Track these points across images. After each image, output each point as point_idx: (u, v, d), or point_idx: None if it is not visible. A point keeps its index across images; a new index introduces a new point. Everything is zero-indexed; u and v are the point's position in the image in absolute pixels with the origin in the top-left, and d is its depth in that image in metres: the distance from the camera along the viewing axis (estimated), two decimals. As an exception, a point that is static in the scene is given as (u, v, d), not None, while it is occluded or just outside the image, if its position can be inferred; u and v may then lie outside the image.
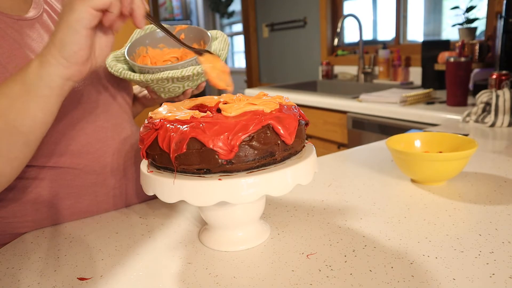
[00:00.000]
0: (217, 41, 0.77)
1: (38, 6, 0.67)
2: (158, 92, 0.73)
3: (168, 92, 0.72)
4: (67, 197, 0.67)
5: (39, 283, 0.48)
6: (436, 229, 0.55)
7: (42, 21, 0.66)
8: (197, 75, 0.68)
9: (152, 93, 0.74)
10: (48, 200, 0.66)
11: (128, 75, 0.69)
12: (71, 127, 0.66)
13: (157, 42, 0.79)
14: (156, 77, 0.67)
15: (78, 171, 0.67)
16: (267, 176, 0.45)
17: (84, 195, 0.68)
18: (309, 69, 2.97)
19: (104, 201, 0.70)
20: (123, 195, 0.73)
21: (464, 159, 0.68)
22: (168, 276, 0.48)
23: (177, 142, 0.45)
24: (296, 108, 0.52)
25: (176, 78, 0.67)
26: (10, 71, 0.57)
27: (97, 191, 0.69)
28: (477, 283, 0.43)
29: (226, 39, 0.77)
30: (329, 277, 0.45)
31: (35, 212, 0.65)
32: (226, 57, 0.74)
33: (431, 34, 2.37)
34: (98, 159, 0.69)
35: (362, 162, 0.87)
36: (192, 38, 0.78)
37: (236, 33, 5.13)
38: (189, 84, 0.71)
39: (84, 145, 0.67)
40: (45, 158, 0.64)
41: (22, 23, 0.62)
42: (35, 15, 0.65)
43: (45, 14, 0.68)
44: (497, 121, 1.14)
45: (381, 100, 1.65)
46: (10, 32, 0.60)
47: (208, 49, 0.69)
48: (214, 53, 0.74)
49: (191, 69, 0.67)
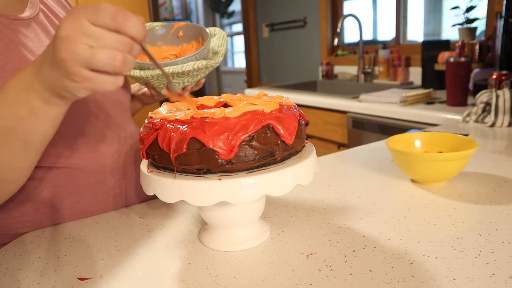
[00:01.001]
0: (215, 38, 0.77)
1: (34, 6, 0.67)
2: (158, 89, 0.73)
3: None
4: (67, 197, 0.67)
5: (39, 283, 0.48)
6: (436, 229, 0.55)
7: (39, 20, 0.66)
8: (197, 70, 0.69)
9: (152, 89, 0.74)
10: (48, 200, 0.66)
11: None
12: (70, 126, 0.66)
13: (155, 40, 0.79)
14: (156, 73, 0.67)
15: (78, 171, 0.67)
16: (267, 176, 0.45)
17: (84, 195, 0.68)
18: (309, 69, 2.97)
19: (104, 201, 0.70)
20: (123, 195, 0.73)
21: (464, 159, 0.68)
22: (168, 276, 0.48)
23: (177, 142, 0.45)
24: (296, 108, 0.52)
25: (177, 73, 0.67)
26: (9, 71, 0.57)
27: (97, 190, 0.69)
28: (477, 283, 0.43)
29: (224, 35, 0.77)
30: (329, 277, 0.45)
31: (35, 212, 0.65)
32: (224, 53, 0.74)
33: (431, 34, 2.37)
34: (97, 159, 0.69)
35: (362, 162, 0.87)
36: (190, 35, 0.78)
37: (236, 33, 5.13)
38: (189, 80, 0.71)
39: (83, 145, 0.67)
40: (44, 158, 0.64)
41: (18, 22, 0.62)
42: (31, 14, 0.65)
43: (41, 13, 0.68)
44: (497, 121, 1.14)
45: (381, 100, 1.65)
46: (6, 32, 0.60)
47: (206, 46, 0.70)
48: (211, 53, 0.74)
49: (191, 64, 0.67)
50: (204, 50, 0.70)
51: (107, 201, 0.70)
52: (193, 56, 0.68)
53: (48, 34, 0.67)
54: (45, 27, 0.67)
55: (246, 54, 3.68)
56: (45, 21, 0.68)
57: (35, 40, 0.63)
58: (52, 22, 0.69)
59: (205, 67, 0.69)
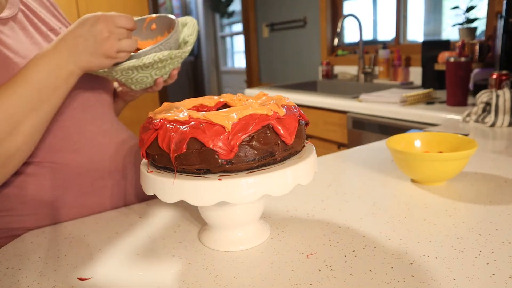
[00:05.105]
0: (186, 27, 0.77)
1: (14, 6, 0.68)
2: (128, 84, 0.72)
3: (137, 82, 0.71)
4: (66, 196, 0.67)
5: (39, 283, 0.48)
6: (436, 229, 0.55)
7: (17, 20, 0.67)
8: (161, 62, 0.67)
9: (124, 86, 0.75)
10: (47, 199, 0.66)
11: None
12: (69, 123, 0.67)
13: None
14: (119, 68, 0.66)
15: (76, 169, 0.67)
16: (267, 176, 0.45)
17: (83, 194, 0.68)
18: (309, 69, 2.97)
19: (104, 201, 0.70)
20: (122, 195, 0.73)
21: (464, 159, 0.68)
22: (168, 276, 0.48)
23: (177, 142, 0.45)
24: (296, 108, 0.52)
25: (139, 66, 0.66)
26: None
27: (97, 190, 0.69)
28: (477, 283, 0.43)
29: (195, 23, 0.77)
30: (329, 277, 0.45)
31: (35, 211, 0.65)
32: (193, 42, 0.74)
33: (431, 34, 2.37)
34: (94, 157, 0.69)
35: (362, 162, 0.87)
36: (163, 27, 0.78)
37: (236, 33, 5.13)
38: (156, 73, 0.70)
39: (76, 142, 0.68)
40: (43, 153, 0.64)
41: None
42: (9, 14, 0.66)
43: (20, 13, 0.69)
44: (497, 121, 1.14)
45: (381, 100, 1.65)
46: None
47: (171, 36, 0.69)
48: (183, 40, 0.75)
49: (151, 56, 0.66)
50: (169, 40, 0.69)
51: (106, 201, 0.70)
52: (156, 48, 0.67)
53: (26, 33, 0.67)
54: (24, 26, 0.68)
55: (246, 54, 3.68)
56: (24, 20, 0.68)
57: (13, 37, 0.64)
58: (32, 22, 0.70)
59: (169, 57, 0.67)
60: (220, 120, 0.45)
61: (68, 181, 0.67)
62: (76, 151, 0.68)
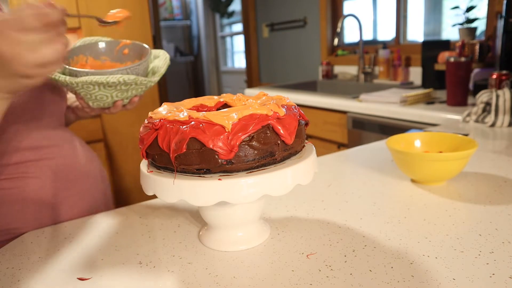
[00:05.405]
0: (158, 60, 0.79)
1: None
2: (86, 99, 0.71)
3: (96, 100, 0.71)
4: (65, 195, 0.67)
5: (39, 283, 0.48)
6: (436, 229, 0.55)
7: None
8: (125, 84, 0.67)
9: (81, 100, 0.73)
10: (47, 198, 0.66)
11: (55, 75, 0.67)
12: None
13: (99, 54, 0.79)
14: (81, 80, 0.66)
15: (72, 168, 0.67)
16: (267, 176, 0.45)
17: (83, 193, 0.68)
18: (309, 69, 2.97)
19: (103, 201, 0.70)
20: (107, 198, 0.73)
21: (464, 159, 0.68)
22: (168, 276, 0.48)
23: (177, 142, 0.45)
24: (296, 108, 0.52)
25: (102, 83, 0.66)
26: None
27: (94, 191, 0.69)
28: (477, 283, 0.43)
29: (167, 58, 0.79)
30: (329, 277, 0.45)
31: (34, 211, 0.65)
32: (161, 74, 0.75)
33: (431, 34, 2.37)
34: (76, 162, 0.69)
35: (362, 162, 0.87)
36: (134, 54, 0.79)
37: (236, 33, 5.13)
38: (118, 95, 0.70)
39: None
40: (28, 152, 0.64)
41: None
42: None
43: None
44: (497, 121, 1.14)
45: (381, 100, 1.65)
46: None
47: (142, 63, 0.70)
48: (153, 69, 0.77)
49: (117, 76, 0.66)
50: (138, 66, 0.69)
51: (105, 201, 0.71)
52: (123, 70, 0.67)
53: None
54: None
55: (246, 54, 3.68)
56: None
57: None
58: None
59: (134, 82, 0.68)
60: (220, 120, 0.45)
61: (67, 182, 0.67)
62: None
